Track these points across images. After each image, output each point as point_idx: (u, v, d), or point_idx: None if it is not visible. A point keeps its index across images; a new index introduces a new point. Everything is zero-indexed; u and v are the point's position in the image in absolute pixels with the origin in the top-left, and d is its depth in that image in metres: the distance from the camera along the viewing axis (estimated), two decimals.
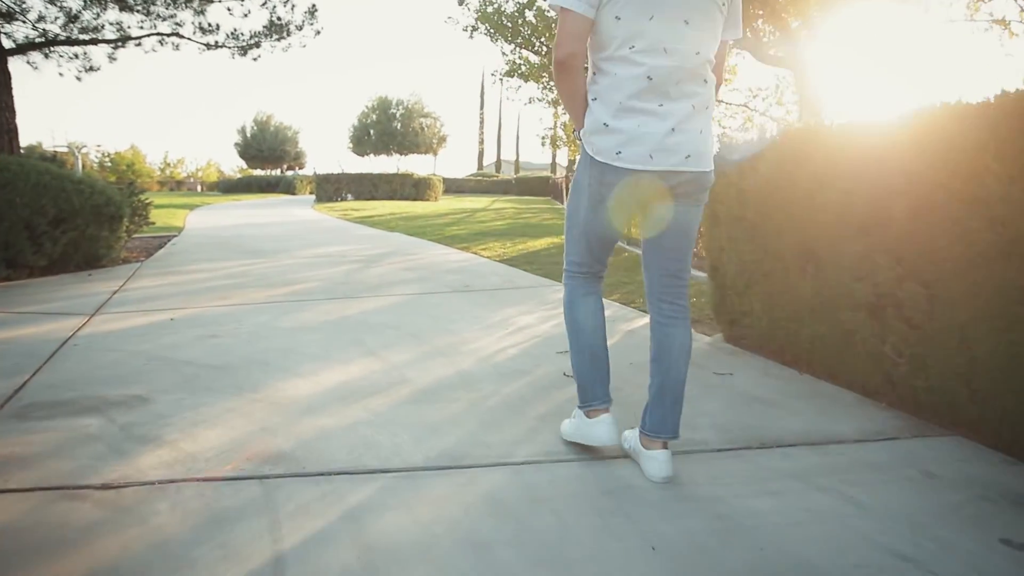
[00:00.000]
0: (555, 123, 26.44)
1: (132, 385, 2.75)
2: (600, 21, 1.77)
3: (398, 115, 39.91)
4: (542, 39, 11.41)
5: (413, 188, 25.36)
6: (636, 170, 1.78)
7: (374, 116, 39.73)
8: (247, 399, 2.62)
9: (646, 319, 2.89)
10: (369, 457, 2.08)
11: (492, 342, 3.62)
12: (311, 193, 35.38)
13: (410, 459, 2.08)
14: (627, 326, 4.05)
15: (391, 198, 24.53)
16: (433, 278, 5.92)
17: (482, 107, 64.85)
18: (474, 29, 12.42)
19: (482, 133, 64.57)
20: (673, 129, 1.76)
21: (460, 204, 24.01)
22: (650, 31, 1.73)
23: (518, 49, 12.64)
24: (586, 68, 1.91)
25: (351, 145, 40.86)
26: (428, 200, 25.59)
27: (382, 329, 3.86)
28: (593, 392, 2.05)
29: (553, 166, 62.48)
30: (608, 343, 2.14)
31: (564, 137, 28.58)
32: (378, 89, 53.65)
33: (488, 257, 7.73)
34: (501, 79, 13.51)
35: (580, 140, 1.89)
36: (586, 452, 2.13)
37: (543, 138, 25.48)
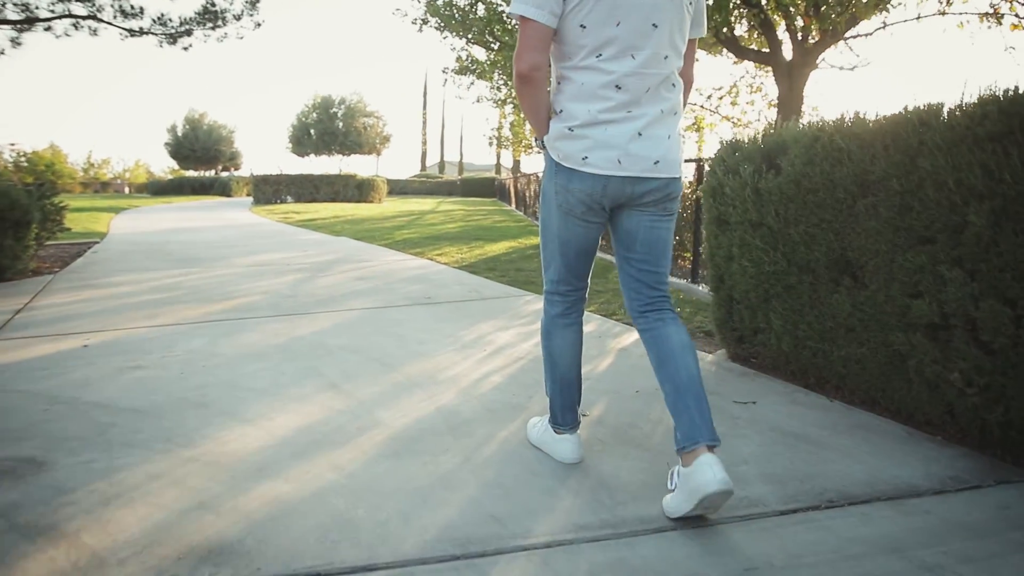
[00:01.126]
0: (501, 123, 26.11)
1: (23, 442, 2.15)
2: (564, 30, 1.70)
3: (340, 114, 38.50)
4: (495, 33, 10.94)
5: (356, 190, 24.50)
6: (604, 175, 1.72)
7: (315, 115, 38.20)
8: (179, 458, 2.06)
9: (635, 333, 2.47)
10: (347, 546, 1.57)
11: (471, 367, 3.13)
12: (248, 195, 34.00)
13: (401, 547, 1.58)
14: (617, 343, 3.63)
15: (333, 200, 23.62)
16: (390, 288, 5.38)
17: (425, 107, 64.05)
18: (424, 22, 11.85)
19: (425, 133, 63.75)
20: (640, 134, 1.71)
21: (406, 206, 23.35)
22: (618, 38, 1.67)
23: (469, 45, 12.13)
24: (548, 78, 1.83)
25: (290, 145, 39.20)
26: (372, 202, 24.79)
27: (341, 354, 3.32)
28: (563, 417, 2.05)
29: (498, 167, 62.22)
30: (601, 366, 1.87)
31: (511, 137, 28.27)
32: (319, 88, 51.95)
33: (446, 263, 7.22)
34: (452, 76, 12.97)
35: (542, 147, 1.83)
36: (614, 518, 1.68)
37: (490, 138, 25.09)
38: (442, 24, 11.57)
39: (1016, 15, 5.10)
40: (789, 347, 2.81)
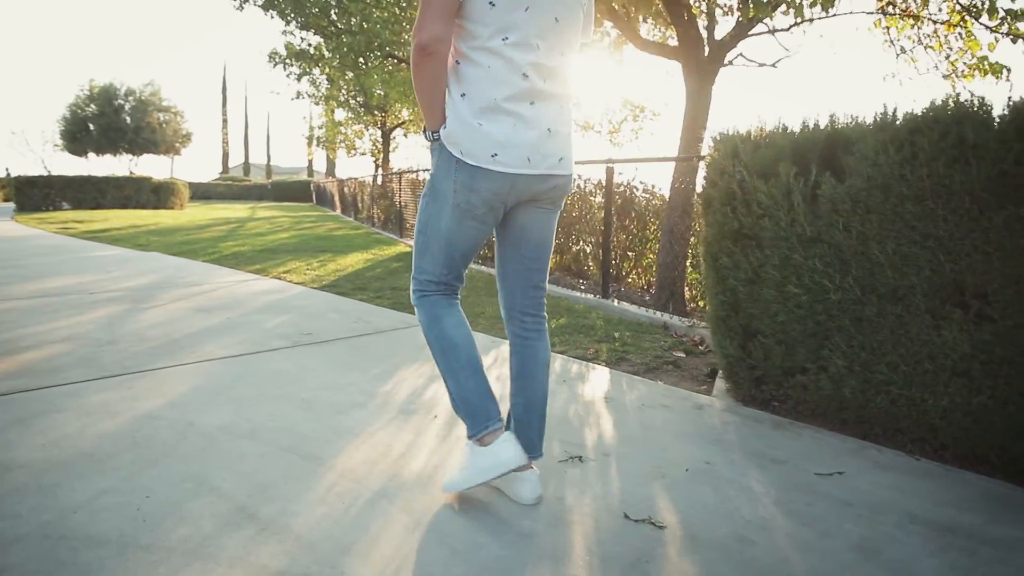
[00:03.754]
0: (325, 122, 24.25)
1: None
2: (471, 5, 1.58)
3: (127, 107, 33.09)
4: (331, 17, 9.69)
5: (153, 194, 21.31)
6: (513, 174, 1.64)
7: (94, 107, 32.46)
8: None
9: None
10: None
11: (434, 446, 2.21)
12: (6, 200, 28.43)
13: None
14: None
15: (124, 206, 20.31)
16: (249, 322, 4.16)
17: (224, 103, 58.71)
18: (244, 1, 10.18)
19: (226, 132, 58.46)
20: (549, 130, 1.67)
21: (216, 212, 20.81)
22: (524, 24, 1.60)
23: (300, 29, 10.68)
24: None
25: (63, 142, 32.98)
26: (173, 208, 21.77)
27: (230, 443, 2.21)
28: (487, 411, 1.79)
29: (310, 169, 58.75)
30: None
31: (322, 137, 26.36)
32: (96, 76, 45.09)
33: (301, 283, 6.01)
34: (281, 63, 11.39)
35: (433, 139, 1.70)
36: None
37: (315, 138, 23.22)
38: (271, 2, 10.01)
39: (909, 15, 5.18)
40: (853, 392, 2.24)
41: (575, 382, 3.03)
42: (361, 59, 9.29)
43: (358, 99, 18.45)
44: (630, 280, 7.24)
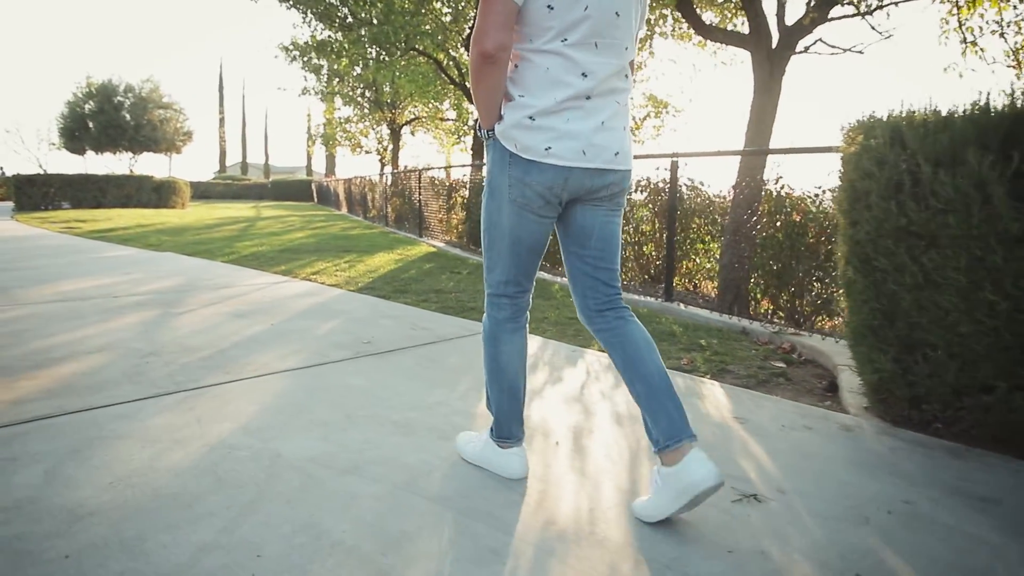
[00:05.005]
0: (330, 119, 23.77)
1: None
2: (530, 9, 1.59)
3: (127, 104, 32.29)
4: (345, 9, 9.30)
5: (154, 193, 20.88)
6: (567, 167, 1.63)
7: (92, 104, 31.65)
8: None
9: None
10: None
11: (577, 483, 1.87)
12: (2, 199, 27.94)
13: None
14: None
15: (125, 205, 19.89)
16: (297, 329, 3.81)
17: (221, 101, 58.15)
18: None
19: (223, 131, 57.92)
20: (603, 124, 1.65)
21: (220, 212, 20.43)
22: (585, 23, 1.58)
23: (318, 20, 10.29)
24: None
25: (62, 140, 32.15)
26: (175, 207, 21.36)
27: (332, 480, 1.86)
28: (510, 429, 1.90)
29: (309, 168, 58.20)
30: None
31: (327, 136, 25.88)
32: (93, 72, 44.47)
33: (336, 285, 5.65)
34: (300, 56, 11.01)
35: (488, 137, 1.70)
36: None
37: (321, 136, 22.79)
38: None
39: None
40: None
41: (691, 399, 2.69)
42: (384, 52, 8.92)
43: (367, 95, 18.04)
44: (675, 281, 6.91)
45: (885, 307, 2.30)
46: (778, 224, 4.63)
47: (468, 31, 11.13)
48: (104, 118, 31.45)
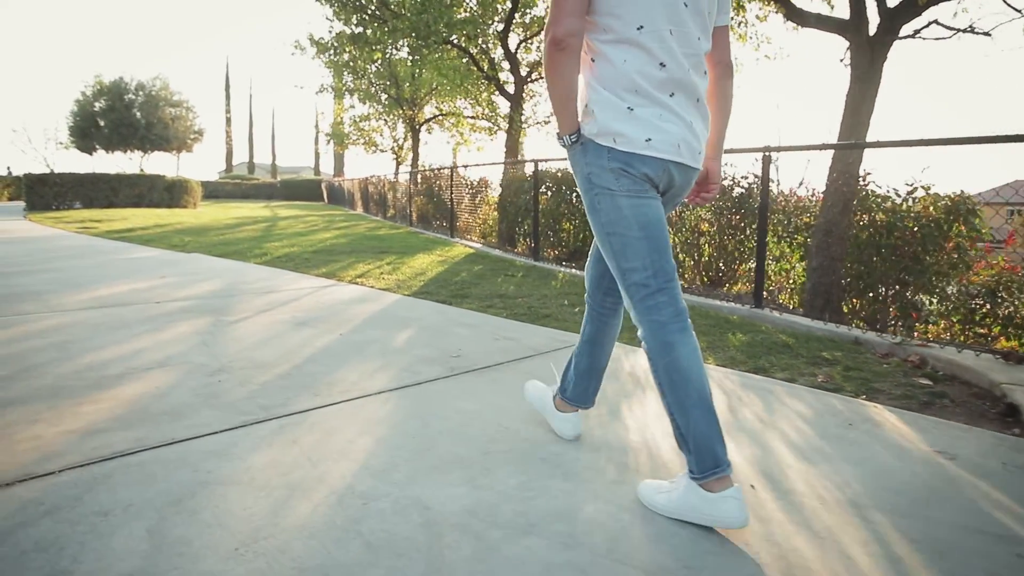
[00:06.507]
0: (344, 117, 23.37)
1: None
2: None
3: (138, 102, 31.76)
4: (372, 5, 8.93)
5: (166, 193, 20.54)
6: (665, 160, 1.59)
7: (103, 102, 31.13)
8: None
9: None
10: None
11: (810, 553, 1.48)
12: (10, 199, 27.64)
13: None
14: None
15: (137, 205, 19.55)
16: (372, 341, 3.43)
17: (228, 100, 57.87)
18: None
19: (229, 130, 57.65)
20: (692, 123, 1.62)
21: (236, 211, 20.10)
22: (656, 12, 1.55)
23: (354, 13, 9.89)
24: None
25: (73, 139, 31.60)
26: (187, 207, 21.04)
27: (507, 543, 1.48)
28: (714, 456, 1.54)
29: (317, 168, 57.81)
30: None
31: (335, 134, 25.42)
32: (93, 72, 44.04)
33: (388, 289, 5.27)
34: (332, 50, 10.62)
35: (572, 143, 1.63)
36: None
37: (342, 134, 22.40)
38: None
39: None
40: None
41: (865, 425, 2.30)
42: (422, 43, 8.54)
43: (391, 92, 17.64)
44: (737, 287, 6.54)
45: None
46: (879, 224, 4.23)
47: (500, 25, 10.76)
48: (115, 116, 30.93)
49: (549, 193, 8.07)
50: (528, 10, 10.90)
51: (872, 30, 4.49)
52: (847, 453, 2.06)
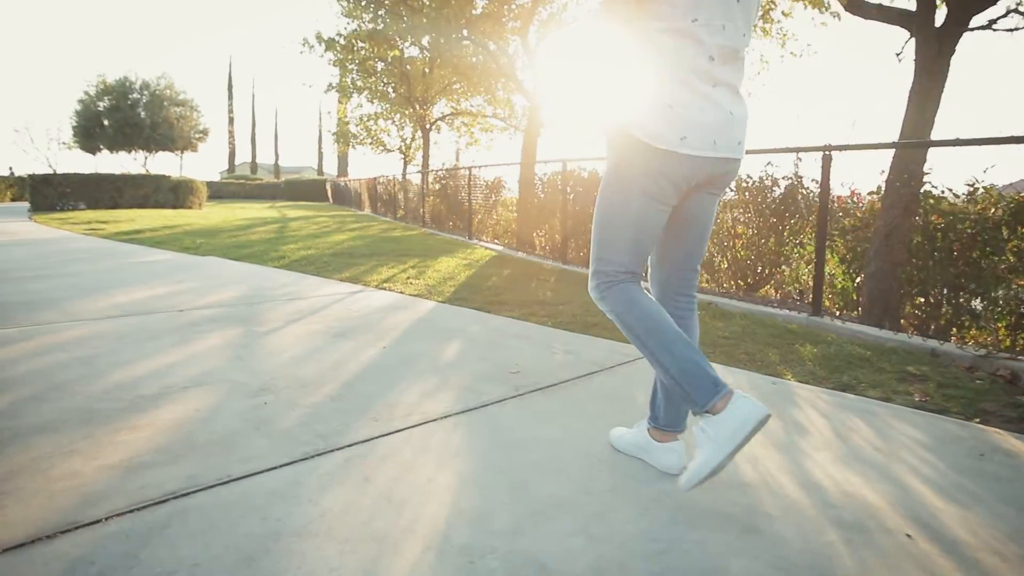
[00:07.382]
0: (346, 117, 23.09)
1: None
2: None
3: (143, 101, 31.43)
4: None
5: (171, 193, 20.29)
6: (701, 157, 1.58)
7: (107, 102, 30.80)
8: None
9: None
10: None
11: None
12: (12, 199, 27.39)
13: None
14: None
15: (142, 206, 19.31)
16: (420, 355, 3.19)
17: (231, 99, 57.63)
18: None
19: (232, 130, 57.43)
20: (732, 113, 1.61)
21: (243, 212, 19.87)
22: (709, 4, 1.54)
23: (375, 8, 9.64)
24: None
25: (77, 139, 31.27)
26: (192, 208, 20.80)
27: None
28: (711, 378, 1.55)
29: (320, 168, 57.58)
30: None
31: (340, 133, 25.16)
32: (97, 69, 43.78)
33: (419, 295, 5.03)
34: (351, 46, 10.39)
35: (613, 128, 1.63)
36: None
37: (351, 134, 22.14)
38: None
39: None
40: None
41: (996, 456, 2.05)
42: (442, 38, 8.32)
43: (400, 90, 17.37)
44: (764, 290, 6.29)
45: None
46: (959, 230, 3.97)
47: (517, 22, 10.52)
48: (120, 116, 30.60)
49: (573, 196, 7.83)
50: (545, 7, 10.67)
51: (939, 21, 4.25)
52: (998, 492, 1.81)
